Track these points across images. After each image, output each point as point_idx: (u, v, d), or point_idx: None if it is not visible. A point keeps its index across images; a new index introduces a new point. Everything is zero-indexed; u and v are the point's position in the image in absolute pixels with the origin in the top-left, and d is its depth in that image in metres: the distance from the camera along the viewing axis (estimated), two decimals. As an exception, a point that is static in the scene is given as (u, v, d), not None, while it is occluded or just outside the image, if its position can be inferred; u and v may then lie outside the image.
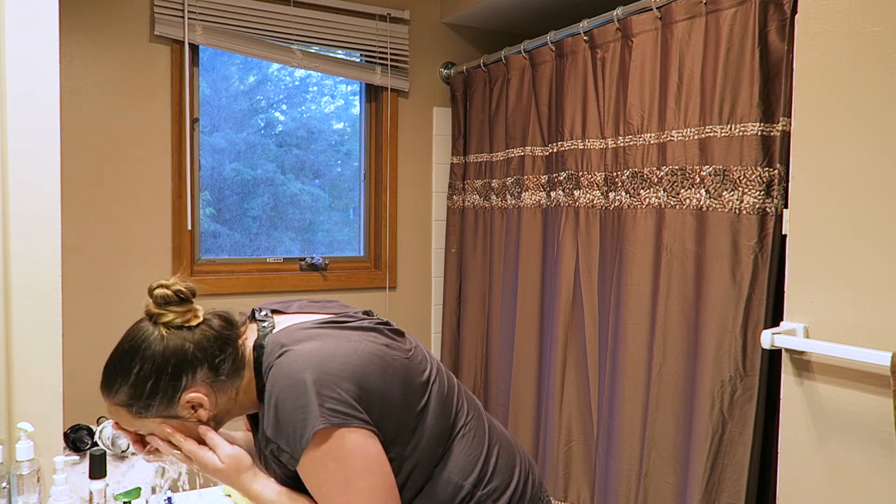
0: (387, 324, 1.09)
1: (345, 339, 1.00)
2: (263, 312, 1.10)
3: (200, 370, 1.00)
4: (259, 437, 1.01)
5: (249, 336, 1.06)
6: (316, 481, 0.95)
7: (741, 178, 1.75)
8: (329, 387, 0.93)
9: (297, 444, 0.93)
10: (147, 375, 0.98)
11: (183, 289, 1.02)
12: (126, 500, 1.32)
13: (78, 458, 1.93)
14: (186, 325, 1.01)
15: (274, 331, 1.04)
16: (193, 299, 1.03)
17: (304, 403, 0.92)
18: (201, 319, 1.02)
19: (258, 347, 1.03)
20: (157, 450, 1.05)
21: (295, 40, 2.70)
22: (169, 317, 1.00)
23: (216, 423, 1.05)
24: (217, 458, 1.03)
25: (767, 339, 1.46)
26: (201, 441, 1.05)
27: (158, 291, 1.01)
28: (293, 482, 1.01)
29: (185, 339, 1.00)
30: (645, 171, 2.04)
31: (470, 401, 1.15)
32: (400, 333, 1.10)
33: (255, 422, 1.14)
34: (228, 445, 1.03)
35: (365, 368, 0.97)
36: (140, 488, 1.36)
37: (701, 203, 1.86)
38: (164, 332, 1.00)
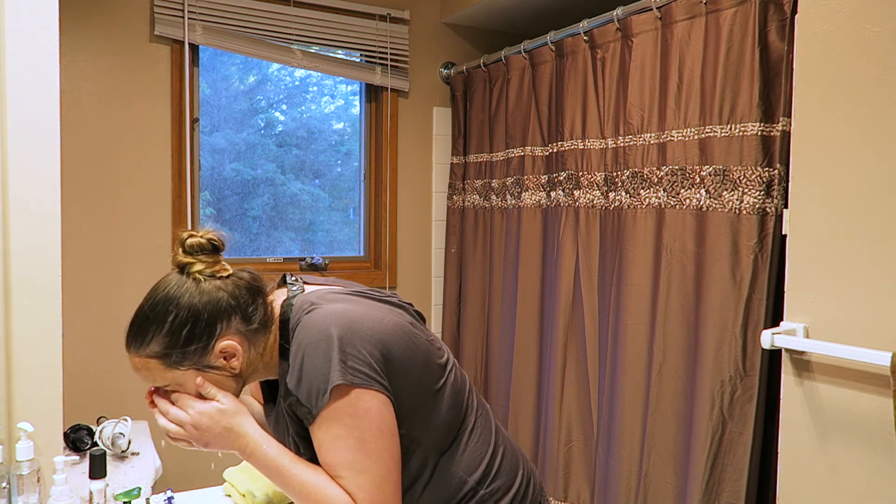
0: (410, 304, 1.12)
1: (374, 308, 1.02)
2: (294, 277, 1.11)
3: (234, 318, 1.00)
4: (279, 395, 1.02)
5: (278, 298, 1.07)
6: (328, 437, 0.95)
7: (741, 178, 1.75)
8: (354, 346, 0.94)
9: (317, 398, 0.93)
10: (183, 323, 0.97)
11: (215, 238, 1.02)
12: (126, 500, 1.32)
13: (78, 458, 1.93)
14: (216, 275, 1.01)
15: (304, 293, 1.05)
16: (222, 252, 1.04)
17: (329, 359, 0.93)
18: (230, 272, 1.03)
19: (287, 305, 1.03)
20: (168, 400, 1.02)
21: (295, 40, 2.70)
22: (199, 266, 1.00)
23: (244, 379, 1.05)
24: (218, 398, 1.01)
25: (767, 339, 1.46)
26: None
27: (191, 240, 1.01)
28: (304, 442, 1.01)
29: (218, 287, 1.00)
30: (645, 171, 2.04)
31: (479, 401, 1.17)
32: (422, 317, 1.13)
33: (268, 390, 1.14)
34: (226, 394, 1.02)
35: (390, 338, 0.98)
36: (140, 488, 1.36)
37: (701, 203, 1.86)
38: (198, 280, 0.99)
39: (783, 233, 1.67)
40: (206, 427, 0.99)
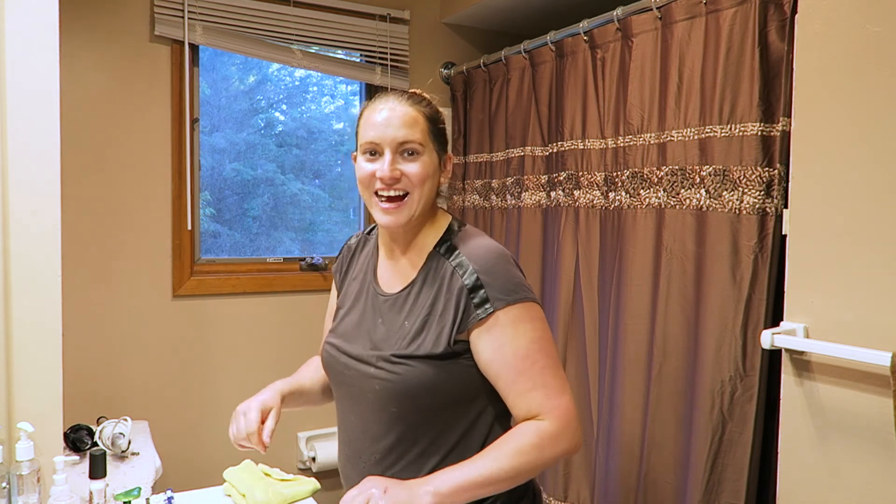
0: None
1: None
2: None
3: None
4: (415, 286, 1.19)
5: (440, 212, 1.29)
6: (520, 339, 1.12)
7: (741, 178, 1.75)
8: (523, 275, 1.19)
9: (508, 295, 1.12)
10: (443, 122, 1.27)
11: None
12: (126, 500, 1.32)
13: (78, 458, 1.93)
14: None
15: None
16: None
17: (515, 273, 1.16)
18: None
19: (454, 221, 1.25)
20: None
21: (295, 40, 2.70)
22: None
23: (422, 212, 1.21)
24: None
25: (767, 339, 1.46)
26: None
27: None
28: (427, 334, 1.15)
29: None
30: (645, 171, 2.04)
31: None
32: None
33: (369, 277, 1.29)
34: None
35: None
36: (140, 488, 1.36)
37: (701, 203, 1.86)
38: None
39: (783, 233, 1.67)
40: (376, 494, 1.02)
